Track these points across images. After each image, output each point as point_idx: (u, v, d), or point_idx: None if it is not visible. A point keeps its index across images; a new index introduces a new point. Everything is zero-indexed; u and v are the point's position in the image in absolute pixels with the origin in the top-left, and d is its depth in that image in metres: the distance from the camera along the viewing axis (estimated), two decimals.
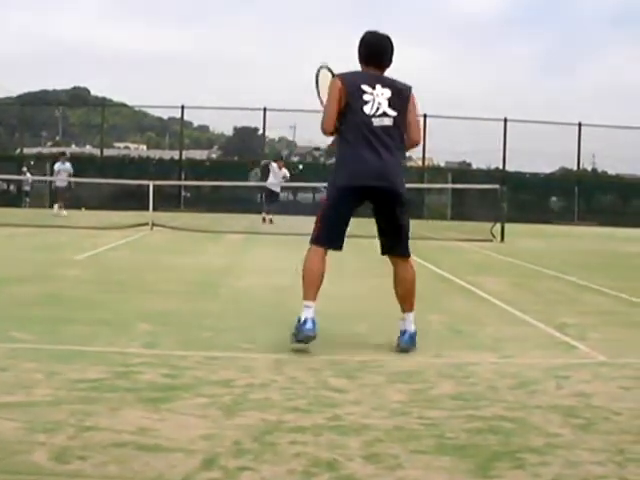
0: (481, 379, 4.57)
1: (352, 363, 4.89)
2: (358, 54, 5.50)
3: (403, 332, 5.34)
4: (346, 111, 5.26)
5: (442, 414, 3.79)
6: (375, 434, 3.43)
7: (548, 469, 3.06)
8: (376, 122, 5.24)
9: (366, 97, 5.26)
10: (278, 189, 24.49)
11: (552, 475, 3.00)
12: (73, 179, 25.85)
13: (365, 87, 5.28)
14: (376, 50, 5.46)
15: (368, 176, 5.26)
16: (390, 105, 5.29)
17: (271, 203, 24.28)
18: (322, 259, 5.56)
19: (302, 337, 5.12)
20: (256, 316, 6.60)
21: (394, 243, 5.49)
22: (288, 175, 24.61)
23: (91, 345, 5.16)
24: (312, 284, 5.45)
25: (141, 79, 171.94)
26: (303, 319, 5.18)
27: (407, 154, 6.10)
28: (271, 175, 24.49)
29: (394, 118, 5.29)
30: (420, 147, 36.65)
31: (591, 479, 3.00)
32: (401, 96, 5.37)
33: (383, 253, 5.60)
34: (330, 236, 5.52)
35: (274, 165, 24.51)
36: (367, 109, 5.24)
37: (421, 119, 5.45)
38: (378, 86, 5.31)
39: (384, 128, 5.26)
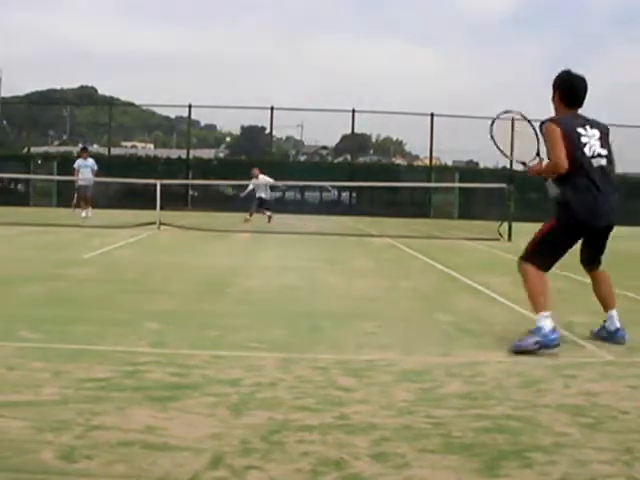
0: (489, 378, 4.56)
1: (360, 362, 4.89)
2: (560, 95, 5.72)
3: (617, 330, 5.83)
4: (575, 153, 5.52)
5: (449, 413, 3.79)
6: (382, 433, 3.43)
7: (556, 468, 3.05)
8: (595, 163, 5.60)
9: (583, 140, 5.57)
10: (263, 194, 23.94)
11: (560, 474, 3.00)
12: (94, 178, 24.03)
13: (580, 130, 5.58)
14: (581, 93, 5.73)
15: (604, 216, 5.73)
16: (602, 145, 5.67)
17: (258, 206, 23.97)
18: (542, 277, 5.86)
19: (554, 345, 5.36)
20: (264, 315, 6.60)
21: (596, 259, 5.99)
22: (270, 180, 24.14)
23: (99, 344, 5.17)
24: (543, 294, 5.72)
25: (148, 78, 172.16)
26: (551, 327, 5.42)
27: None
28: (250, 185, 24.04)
29: (606, 157, 5.71)
30: (427, 145, 36.88)
31: (599, 478, 2.99)
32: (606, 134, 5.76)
33: (584, 264, 6.08)
34: (549, 264, 5.86)
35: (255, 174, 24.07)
36: (587, 151, 5.57)
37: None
38: (587, 127, 5.64)
39: (603, 168, 5.65)
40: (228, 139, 70.19)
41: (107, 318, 6.16)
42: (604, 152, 5.66)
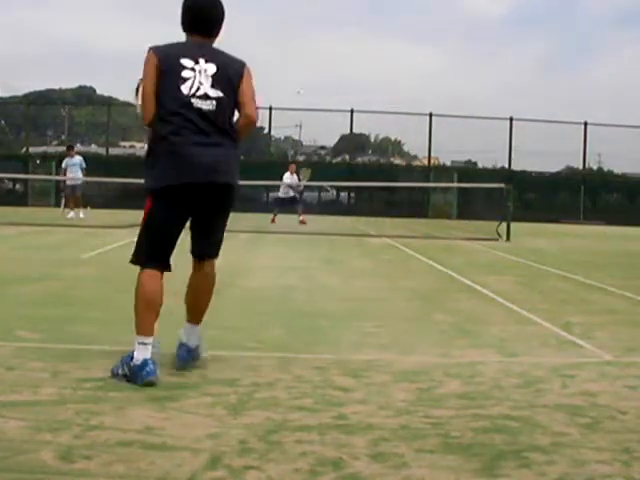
0: (487, 378, 4.56)
1: (358, 362, 4.89)
2: (181, 20, 4.54)
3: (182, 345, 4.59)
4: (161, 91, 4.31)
5: (448, 413, 3.79)
6: (381, 433, 3.43)
7: (554, 468, 3.06)
8: (197, 104, 4.30)
9: (186, 73, 4.33)
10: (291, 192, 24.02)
11: (558, 474, 3.00)
12: (83, 178, 23.19)
13: (185, 61, 4.35)
14: (203, 14, 4.51)
15: (202, 171, 4.29)
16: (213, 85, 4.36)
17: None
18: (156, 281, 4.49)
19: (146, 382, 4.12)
20: (262, 315, 6.60)
21: (208, 243, 4.68)
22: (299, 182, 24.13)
23: (97, 344, 5.17)
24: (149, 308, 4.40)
25: None
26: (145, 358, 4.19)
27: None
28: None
29: (217, 100, 4.35)
30: (426, 146, 36.93)
31: (597, 478, 2.99)
32: (229, 73, 4.43)
33: (193, 253, 4.67)
34: (164, 254, 4.47)
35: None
36: (185, 89, 4.31)
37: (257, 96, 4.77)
38: (202, 60, 4.38)
39: (202, 111, 4.30)
40: None
41: (106, 318, 6.17)
42: (215, 94, 4.31)
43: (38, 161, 36.65)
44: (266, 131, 39.75)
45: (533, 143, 36.23)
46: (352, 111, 36.37)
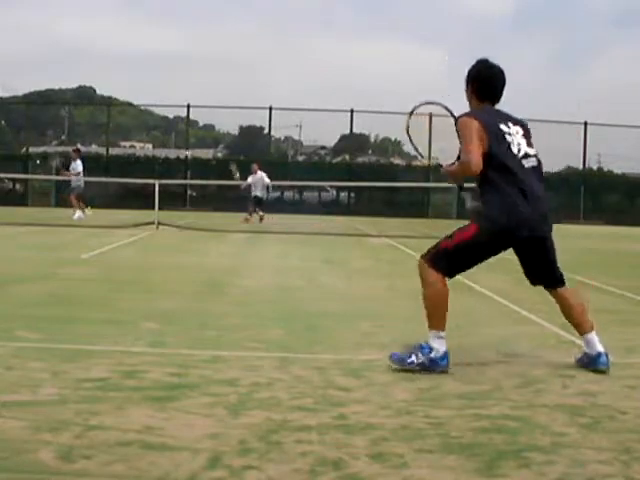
0: (487, 378, 4.56)
1: (358, 362, 4.89)
2: (476, 86, 5.03)
3: (599, 354, 4.85)
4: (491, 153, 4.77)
5: (448, 413, 3.79)
6: (381, 433, 3.43)
7: (554, 468, 3.06)
8: (526, 164, 4.89)
9: (508, 138, 4.85)
10: (259, 193, 23.75)
11: (558, 474, 3.00)
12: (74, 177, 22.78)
13: (503, 127, 4.87)
14: (499, 85, 5.02)
15: (534, 225, 4.86)
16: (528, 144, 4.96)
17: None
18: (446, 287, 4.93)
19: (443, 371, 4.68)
20: (262, 315, 6.60)
21: (541, 276, 5.13)
22: (267, 180, 23.86)
23: (97, 344, 5.16)
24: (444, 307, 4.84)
25: (147, 78, 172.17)
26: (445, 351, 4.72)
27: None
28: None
29: (535, 157, 4.98)
30: (426, 146, 36.85)
31: (597, 478, 2.99)
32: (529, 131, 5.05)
33: (534, 283, 5.21)
34: (457, 273, 5.01)
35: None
36: (514, 150, 4.85)
37: None
38: (510, 124, 4.93)
39: (535, 169, 4.95)
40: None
41: (105, 318, 6.16)
42: (532, 151, 4.94)
43: (38, 161, 36.64)
44: (266, 131, 39.77)
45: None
46: (352, 111, 36.37)
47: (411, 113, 5.41)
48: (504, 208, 4.75)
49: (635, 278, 10.87)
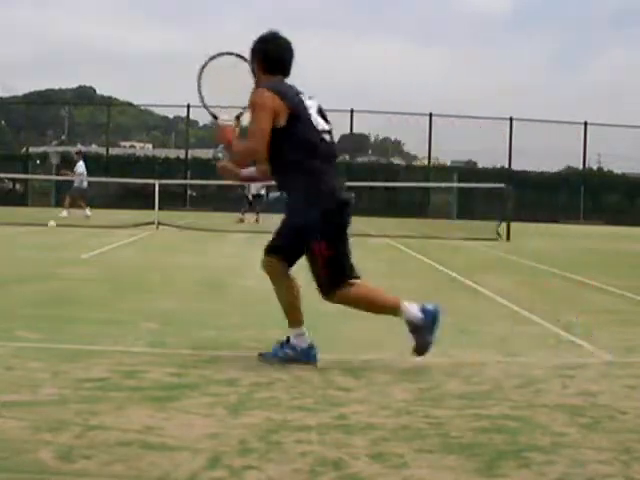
0: (487, 378, 4.56)
1: (358, 362, 4.89)
2: (264, 60, 4.74)
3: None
4: (291, 128, 4.59)
5: (448, 413, 3.79)
6: (381, 433, 3.43)
7: (554, 468, 3.05)
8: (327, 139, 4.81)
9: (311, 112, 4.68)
10: (254, 191, 23.59)
11: (558, 474, 3.00)
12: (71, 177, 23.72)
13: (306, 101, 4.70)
14: (289, 57, 4.80)
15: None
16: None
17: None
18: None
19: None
20: (262, 315, 6.59)
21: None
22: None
23: (97, 344, 5.16)
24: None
25: (147, 78, 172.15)
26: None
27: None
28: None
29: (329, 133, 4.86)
30: (426, 146, 36.98)
31: (597, 478, 2.99)
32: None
33: (348, 277, 5.21)
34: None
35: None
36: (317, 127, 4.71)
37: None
38: (305, 98, 4.73)
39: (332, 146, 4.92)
40: None
41: (105, 318, 6.16)
42: (328, 127, 4.78)
43: (38, 161, 36.65)
44: None
45: (533, 143, 36.29)
46: (352, 111, 36.37)
47: (206, 63, 4.98)
48: (321, 188, 4.71)
49: (635, 278, 10.87)
